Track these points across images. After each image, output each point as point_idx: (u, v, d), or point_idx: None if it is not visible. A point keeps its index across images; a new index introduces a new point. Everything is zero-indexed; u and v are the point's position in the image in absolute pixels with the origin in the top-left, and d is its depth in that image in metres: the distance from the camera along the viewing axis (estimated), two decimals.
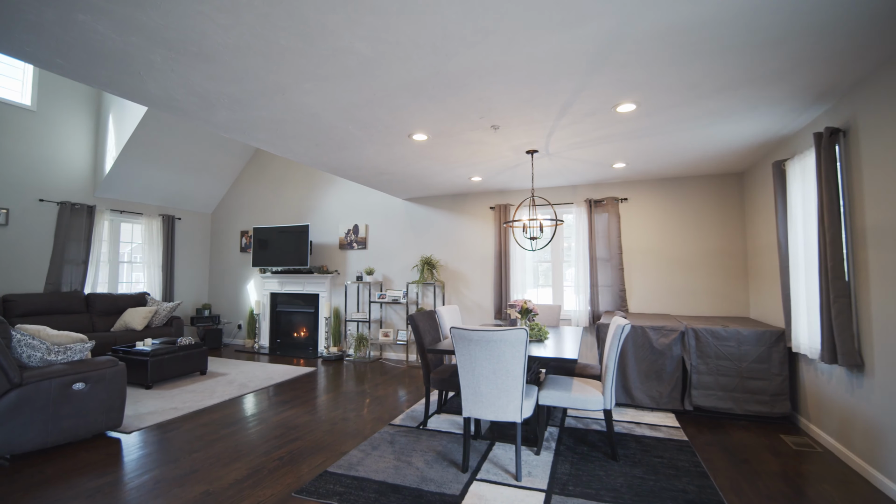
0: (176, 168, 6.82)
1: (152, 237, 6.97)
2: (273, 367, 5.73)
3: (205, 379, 5.04)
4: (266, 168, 7.57)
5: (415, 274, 6.29)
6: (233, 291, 7.72)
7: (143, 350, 4.71)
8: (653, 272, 5.21)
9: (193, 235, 7.73)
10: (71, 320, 5.62)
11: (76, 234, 6.01)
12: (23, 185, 5.54)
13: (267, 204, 7.53)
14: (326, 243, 6.97)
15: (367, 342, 6.26)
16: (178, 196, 7.29)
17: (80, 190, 6.14)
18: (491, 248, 5.92)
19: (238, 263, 7.72)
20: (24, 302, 5.27)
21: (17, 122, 5.48)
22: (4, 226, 5.37)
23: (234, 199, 7.85)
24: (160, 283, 7.03)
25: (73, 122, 6.05)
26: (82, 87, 6.15)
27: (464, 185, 5.53)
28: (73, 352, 3.23)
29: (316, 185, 7.11)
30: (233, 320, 7.67)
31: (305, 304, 7.02)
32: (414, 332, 3.55)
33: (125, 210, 6.67)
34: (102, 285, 6.45)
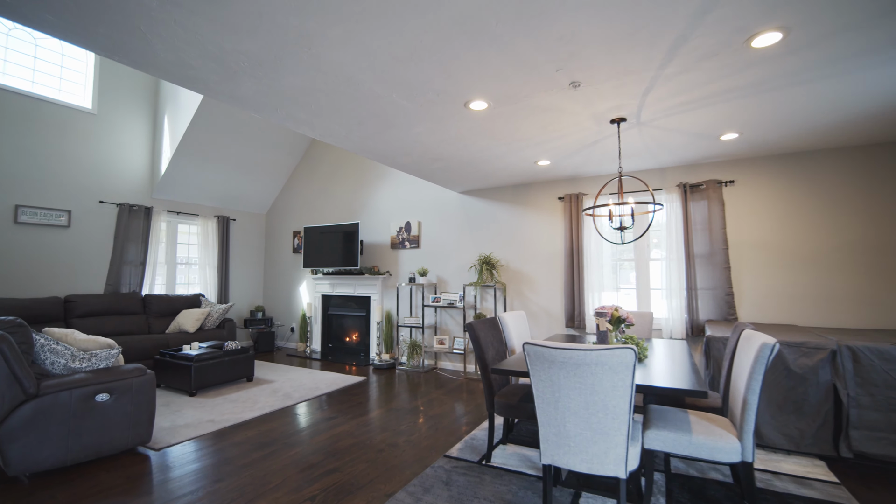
0: (229, 168, 6.71)
1: (207, 238, 6.92)
2: (322, 374, 5.33)
3: (250, 386, 4.72)
4: (317, 166, 7.31)
5: (472, 275, 5.64)
6: (286, 293, 7.53)
7: (188, 355, 4.47)
8: (769, 272, 4.16)
9: (248, 236, 7.64)
10: (127, 321, 5.59)
11: (134, 235, 6.02)
12: (84, 188, 5.59)
13: (318, 203, 7.25)
14: (377, 242, 6.53)
15: (420, 350, 5.70)
16: (233, 197, 7.20)
17: (138, 191, 6.17)
18: (560, 244, 5.12)
19: (290, 265, 7.51)
20: (85, 303, 5.29)
21: (79, 125, 5.54)
22: (67, 227, 5.43)
23: (286, 199, 7.67)
24: (215, 284, 6.96)
25: (132, 123, 6.08)
26: (140, 88, 6.18)
27: (528, 172, 4.80)
28: (99, 359, 2.93)
29: (366, 182, 6.70)
30: (286, 323, 7.47)
31: (356, 307, 6.62)
32: (473, 343, 2.90)
33: (181, 211, 6.65)
34: (160, 286, 6.45)
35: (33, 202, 5.15)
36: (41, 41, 5.36)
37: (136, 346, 5.17)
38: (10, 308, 4.55)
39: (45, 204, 5.24)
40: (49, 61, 5.41)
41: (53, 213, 5.30)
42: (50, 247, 5.27)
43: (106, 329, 5.33)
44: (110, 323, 5.41)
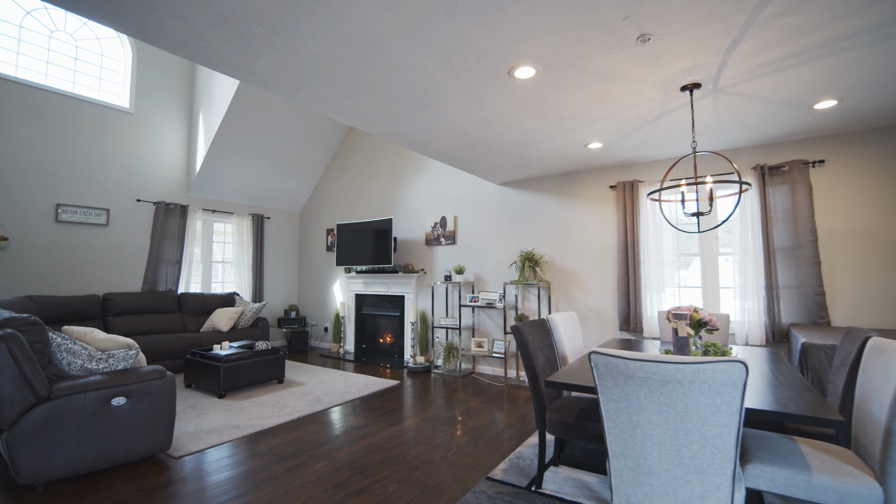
0: (263, 165, 6.62)
1: (242, 237, 6.86)
2: (354, 377, 5.07)
3: (280, 389, 4.52)
4: (350, 162, 7.10)
5: (513, 273, 5.22)
6: (319, 292, 7.37)
7: (218, 355, 4.31)
8: (869, 267, 3.50)
9: (282, 235, 7.55)
10: (162, 320, 5.56)
11: (171, 233, 6.01)
12: (122, 186, 5.61)
13: (351, 199, 7.04)
14: (411, 239, 6.22)
15: (457, 353, 5.34)
16: (267, 195, 7.12)
17: (175, 190, 6.16)
18: (611, 238, 4.61)
19: (324, 263, 7.35)
20: (122, 301, 5.28)
21: (117, 123, 5.57)
22: (105, 226, 5.46)
23: (320, 196, 7.52)
24: (250, 283, 6.89)
25: (168, 122, 6.08)
26: (177, 86, 6.17)
27: (576, 158, 4.34)
28: (116, 359, 2.75)
29: (400, 176, 6.42)
30: (319, 323, 7.31)
31: (390, 306, 6.34)
32: (521, 349, 2.50)
33: (217, 209, 6.62)
34: (196, 285, 6.43)
35: (73, 201, 5.19)
36: (82, 42, 5.42)
37: (169, 344, 5.11)
38: (49, 305, 4.57)
39: (84, 202, 5.28)
40: (89, 62, 5.46)
41: (92, 212, 5.34)
42: (89, 245, 5.31)
43: (141, 327, 5.31)
44: (146, 321, 5.39)
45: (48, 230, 4.98)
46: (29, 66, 4.98)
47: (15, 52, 4.89)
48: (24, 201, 4.83)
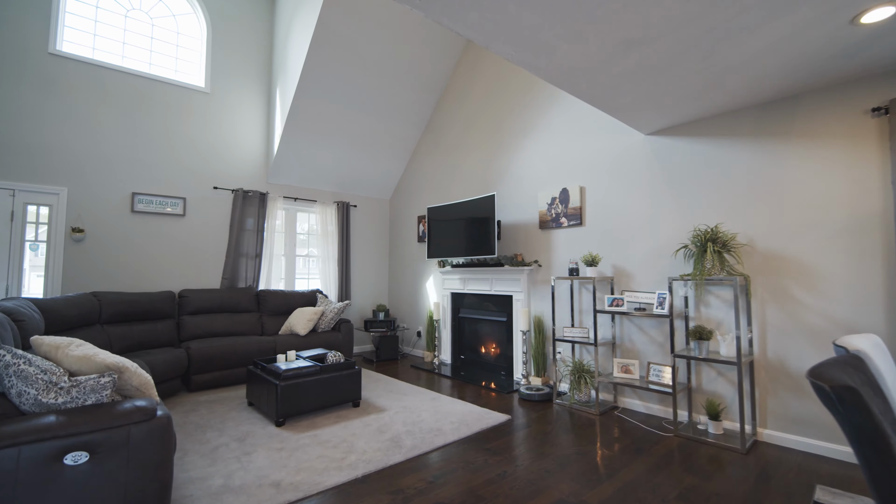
0: (345, 144, 5.75)
1: (327, 227, 6.09)
2: (449, 403, 3.81)
3: (353, 416, 3.45)
4: (442, 135, 5.91)
5: (680, 263, 3.49)
6: (411, 290, 6.32)
7: (277, 369, 3.38)
8: None
9: (370, 224, 6.67)
10: (238, 320, 4.92)
11: (250, 224, 5.41)
12: (198, 173, 5.12)
13: (443, 178, 5.85)
14: (520, 222, 4.79)
15: (591, 377, 3.76)
16: (352, 179, 6.27)
17: (253, 176, 5.57)
18: (875, 200, 2.66)
19: (416, 256, 6.28)
20: (197, 298, 4.74)
21: (193, 104, 5.08)
22: (182, 216, 4.99)
23: (410, 179, 6.47)
24: (335, 279, 6.10)
25: (245, 102, 5.50)
26: (253, 63, 5.57)
27: (820, 55, 2.50)
28: (83, 390, 1.82)
29: (503, 143, 5.02)
30: (412, 326, 6.26)
31: (495, 309, 4.99)
32: (865, 428, 0.94)
33: (299, 197, 5.92)
34: (279, 281, 5.79)
35: (149, 189, 4.78)
36: (157, 20, 5.03)
37: (240, 349, 4.40)
38: (115, 303, 4.11)
39: (160, 191, 4.86)
40: (165, 41, 5.05)
41: (169, 201, 4.89)
42: (165, 237, 4.87)
43: (215, 328, 4.71)
44: (220, 321, 4.79)
45: (124, 221, 4.61)
46: (105, 48, 4.66)
47: (92, 35, 4.59)
48: (101, 191, 4.49)
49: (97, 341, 3.74)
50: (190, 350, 4.16)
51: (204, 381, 4.20)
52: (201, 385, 4.19)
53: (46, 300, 3.34)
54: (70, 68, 4.35)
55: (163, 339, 4.36)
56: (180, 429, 3.17)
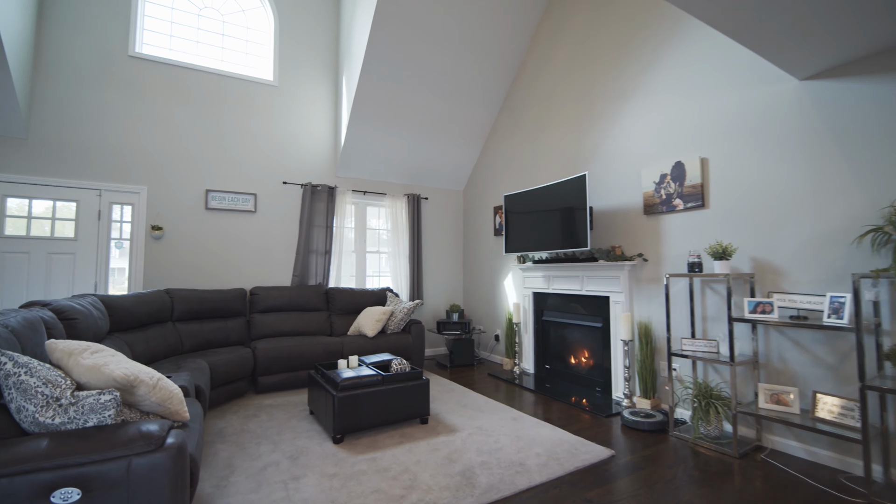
0: (414, 130, 5.33)
1: (397, 221, 5.72)
2: (534, 426, 3.16)
3: (419, 435, 2.95)
4: (520, 115, 5.23)
5: (864, 255, 2.48)
6: (487, 289, 5.73)
7: (336, 377, 2.99)
8: None
9: (443, 218, 6.20)
10: (307, 319, 4.71)
11: (319, 219, 5.21)
12: (268, 168, 5.02)
13: (523, 164, 5.16)
14: (617, 208, 3.96)
15: (724, 406, 2.86)
16: (423, 169, 5.84)
17: (322, 169, 5.36)
18: None
19: (492, 252, 5.67)
20: (267, 296, 4.61)
21: (262, 98, 4.98)
22: (253, 212, 4.91)
23: (484, 166, 5.88)
24: (406, 277, 5.71)
25: (312, 92, 5.31)
26: (320, 54, 5.37)
27: None
28: (81, 409, 1.49)
29: (595, 115, 4.22)
30: (489, 329, 5.67)
31: (586, 312, 4.21)
32: None
33: (368, 190, 5.62)
34: (349, 278, 5.54)
35: (221, 186, 4.75)
36: (228, 17, 5.00)
37: (307, 350, 4.15)
38: (187, 300, 4.05)
39: (232, 188, 4.81)
40: (235, 37, 5.01)
41: (240, 197, 4.83)
42: (237, 234, 4.81)
43: (284, 327, 4.53)
44: (290, 320, 4.60)
45: (198, 218, 4.61)
46: (180, 48, 4.70)
47: (168, 35, 4.65)
48: (177, 188, 4.52)
49: (168, 339, 3.68)
50: (256, 350, 3.98)
51: (270, 384, 4.00)
52: (267, 387, 3.99)
53: (115, 298, 3.30)
54: (148, 69, 4.41)
55: (233, 337, 4.26)
56: (236, 438, 2.92)
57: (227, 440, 2.88)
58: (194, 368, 3.11)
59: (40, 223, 4.00)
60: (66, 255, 4.03)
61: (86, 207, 4.13)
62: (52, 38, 4.02)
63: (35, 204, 3.99)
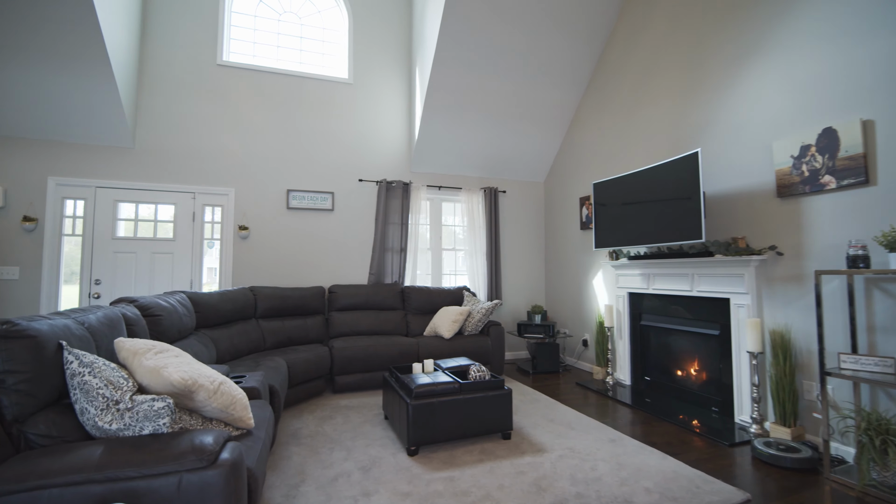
0: (489, 121, 5.00)
1: (474, 217, 5.43)
2: (637, 453, 2.67)
3: (501, 452, 2.61)
4: (608, 96, 4.65)
5: None
6: (573, 289, 5.21)
7: (411, 382, 2.77)
8: None
9: (522, 212, 5.78)
10: (383, 318, 4.60)
11: (394, 216, 5.09)
12: (344, 166, 5.01)
13: (613, 148, 4.58)
14: (738, 192, 3.27)
15: None
16: (500, 161, 5.49)
17: (396, 165, 5.24)
18: None
19: (578, 247, 5.14)
20: (345, 294, 4.58)
21: (338, 97, 4.99)
22: (331, 211, 4.92)
23: (568, 154, 5.36)
24: (484, 275, 5.40)
25: (386, 88, 5.21)
26: (393, 47, 5.25)
27: None
28: (136, 415, 1.39)
29: (703, 82, 3.55)
30: (575, 333, 5.15)
31: (698, 316, 3.56)
32: None
33: (443, 185, 5.40)
34: (425, 277, 5.36)
35: (301, 185, 4.82)
36: (305, 19, 5.07)
37: (382, 351, 4.02)
38: (269, 298, 4.13)
39: (311, 187, 4.86)
40: (312, 38, 5.07)
41: (319, 196, 4.87)
42: (316, 232, 4.85)
43: (360, 326, 4.46)
44: (366, 319, 4.52)
45: (280, 218, 4.71)
46: (262, 53, 4.85)
47: (251, 42, 4.82)
48: (261, 189, 4.66)
49: (251, 336, 3.75)
50: (333, 349, 3.93)
51: (346, 384, 3.93)
52: (344, 387, 3.92)
53: (202, 295, 3.40)
54: (234, 76, 4.60)
55: (312, 335, 4.27)
56: (310, 441, 2.82)
57: (301, 442, 2.79)
58: (271, 367, 3.08)
59: (145, 225, 4.32)
60: (166, 255, 4.32)
61: (182, 210, 4.40)
62: (152, 53, 4.33)
63: (141, 208, 4.33)
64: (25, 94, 3.68)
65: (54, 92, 3.70)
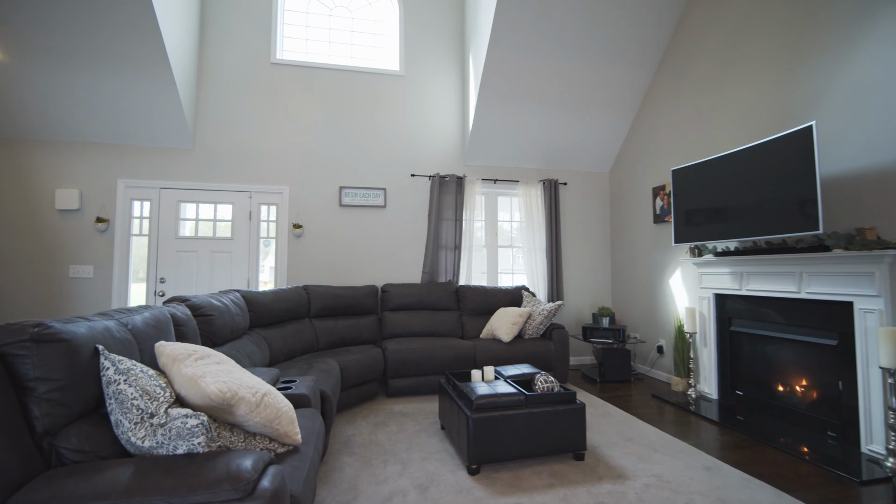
0: (549, 107, 4.63)
1: (532, 211, 5.07)
2: (741, 486, 2.24)
3: (574, 476, 2.28)
4: (688, 66, 4.11)
5: None
6: (645, 289, 4.71)
7: (471, 392, 2.51)
8: None
9: (585, 205, 5.34)
10: (437, 319, 4.38)
11: (447, 212, 4.86)
12: (396, 161, 4.84)
13: (694, 129, 4.05)
14: (860, 172, 2.70)
15: None
16: (560, 151, 5.09)
17: (449, 159, 5.00)
18: None
19: (652, 243, 4.64)
20: (398, 293, 4.42)
21: (389, 90, 4.83)
22: (383, 207, 4.78)
23: (638, 140, 4.86)
24: (544, 274, 5.03)
25: (438, 79, 4.99)
26: (446, 36, 5.02)
27: None
28: (169, 433, 1.23)
29: (818, 45, 2.97)
30: (648, 338, 4.65)
31: (804, 322, 3.00)
32: None
33: (498, 178, 5.09)
34: (480, 275, 5.09)
35: (353, 182, 4.72)
36: (356, 12, 4.96)
37: (437, 354, 3.80)
38: (322, 297, 4.04)
39: (363, 183, 4.74)
40: (363, 31, 4.95)
41: (371, 193, 4.74)
42: (368, 229, 4.73)
43: (414, 327, 4.26)
44: (419, 320, 4.33)
45: (333, 216, 4.63)
46: (314, 50, 4.80)
47: (304, 39, 4.78)
48: (314, 187, 4.60)
49: (304, 336, 3.67)
50: (386, 351, 3.76)
51: (400, 388, 3.75)
52: (397, 391, 3.74)
53: (256, 294, 3.34)
54: (287, 74, 4.57)
55: (364, 335, 4.14)
56: (364, 451, 2.64)
57: (354, 452, 2.62)
58: (323, 370, 2.94)
59: (205, 225, 4.39)
60: (224, 254, 4.36)
61: (239, 209, 4.43)
62: (209, 54, 4.39)
63: (201, 208, 4.40)
64: (95, 100, 3.82)
65: (120, 97, 3.82)
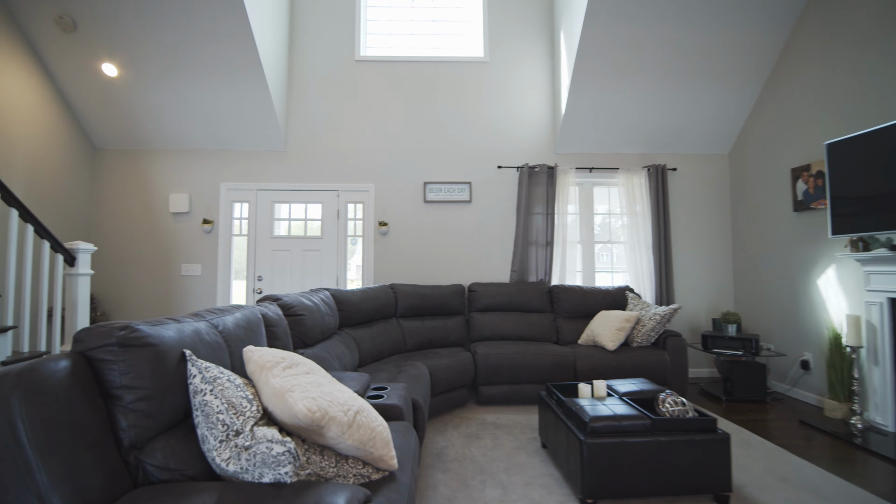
0: (655, 81, 4.05)
1: (634, 202, 4.50)
2: None
3: None
4: (840, 19, 3.29)
5: None
6: (781, 292, 3.92)
7: (581, 409, 2.15)
8: None
9: (699, 193, 4.62)
10: (529, 322, 4.03)
11: (538, 205, 4.48)
12: (482, 153, 4.57)
13: (849, 96, 3.22)
14: None
15: None
16: (667, 131, 4.45)
17: (539, 148, 4.61)
18: None
19: (791, 235, 3.84)
20: (485, 293, 4.15)
21: (473, 78, 4.58)
22: (468, 202, 4.54)
23: (768, 115, 4.06)
24: (650, 273, 4.43)
25: (525, 62, 4.62)
26: (532, 16, 4.63)
27: None
28: (254, 458, 1.05)
29: None
30: (787, 350, 3.85)
31: None
32: None
33: (594, 166, 4.58)
34: (574, 274, 4.62)
35: (437, 177, 4.53)
36: (438, 0, 4.77)
37: (532, 362, 3.46)
38: (408, 296, 3.89)
39: (447, 178, 4.54)
40: (445, 20, 4.75)
41: (456, 187, 4.52)
42: (454, 226, 4.51)
43: (503, 330, 3.96)
44: (510, 322, 4.01)
45: (418, 212, 4.49)
46: (397, 44, 4.69)
47: (386, 34, 4.70)
48: (398, 183, 4.50)
49: (392, 336, 3.54)
50: (476, 356, 3.50)
51: (491, 396, 3.46)
52: (489, 399, 3.47)
53: (345, 293, 3.27)
54: (371, 70, 4.51)
55: (452, 337, 3.92)
56: (458, 467, 2.39)
57: (448, 468, 2.39)
58: (413, 375, 2.75)
59: (297, 224, 4.49)
60: (314, 252, 4.42)
61: (328, 208, 4.46)
62: (298, 56, 4.47)
63: (293, 208, 4.51)
64: (200, 109, 4.05)
65: (220, 105, 4.01)
